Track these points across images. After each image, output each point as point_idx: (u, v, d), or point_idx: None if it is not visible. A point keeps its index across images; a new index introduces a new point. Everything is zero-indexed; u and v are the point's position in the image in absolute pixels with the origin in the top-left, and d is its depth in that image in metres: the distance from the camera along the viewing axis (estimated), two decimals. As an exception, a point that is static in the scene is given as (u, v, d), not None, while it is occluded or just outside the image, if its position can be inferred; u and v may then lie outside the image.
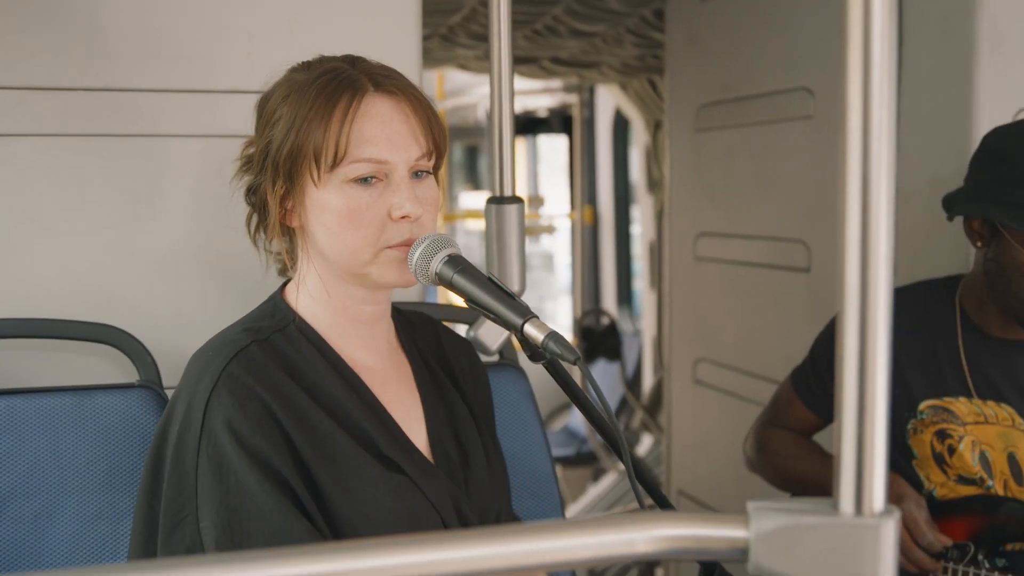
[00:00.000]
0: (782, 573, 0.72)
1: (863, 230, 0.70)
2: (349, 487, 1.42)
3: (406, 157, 1.43)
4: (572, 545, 0.74)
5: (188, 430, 1.40)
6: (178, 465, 1.40)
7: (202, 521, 1.37)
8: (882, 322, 0.71)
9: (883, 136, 0.69)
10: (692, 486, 3.81)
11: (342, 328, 1.51)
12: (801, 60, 3.02)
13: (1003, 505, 2.03)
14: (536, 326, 1.37)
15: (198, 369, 1.44)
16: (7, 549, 1.71)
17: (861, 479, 0.71)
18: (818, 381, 2.26)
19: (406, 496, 1.46)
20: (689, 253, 3.69)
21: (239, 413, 1.38)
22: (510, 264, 1.84)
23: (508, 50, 1.88)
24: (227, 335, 1.48)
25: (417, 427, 1.56)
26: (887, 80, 0.69)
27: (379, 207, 1.42)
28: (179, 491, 1.39)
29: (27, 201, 1.93)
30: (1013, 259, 1.96)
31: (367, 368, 1.52)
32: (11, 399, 1.76)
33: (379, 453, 1.46)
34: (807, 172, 3.00)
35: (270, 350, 1.45)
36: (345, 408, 1.46)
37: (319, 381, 1.46)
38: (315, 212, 1.44)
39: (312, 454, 1.41)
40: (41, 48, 1.92)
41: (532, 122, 7.84)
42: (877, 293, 0.70)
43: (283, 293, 1.55)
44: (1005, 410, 2.07)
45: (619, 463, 4.50)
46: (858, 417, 0.71)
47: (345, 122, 1.40)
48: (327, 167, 1.40)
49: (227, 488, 1.36)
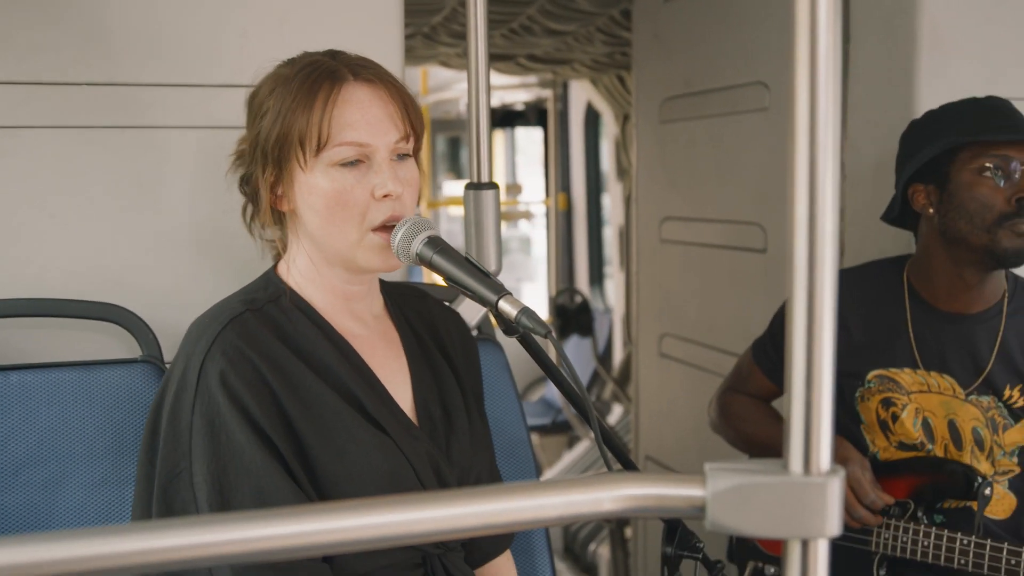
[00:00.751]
0: (736, 528, 0.73)
1: (810, 212, 0.70)
2: (335, 445, 1.42)
3: (386, 140, 1.43)
4: (544, 504, 0.75)
5: (184, 390, 1.40)
6: (174, 423, 1.40)
7: (195, 476, 1.37)
8: (828, 297, 0.71)
9: (828, 126, 0.69)
10: (658, 452, 3.82)
11: (331, 302, 1.52)
12: (757, 56, 3.02)
13: (941, 466, 2.05)
14: (510, 302, 1.38)
15: (196, 334, 1.44)
16: (20, 513, 1.71)
17: (809, 442, 0.72)
18: (776, 352, 2.26)
19: (388, 456, 1.46)
20: (655, 236, 3.70)
21: (232, 375, 1.38)
22: (487, 246, 1.84)
23: (485, 47, 1.88)
24: (224, 304, 1.49)
25: (403, 391, 1.56)
26: (832, 74, 0.69)
27: (363, 188, 1.42)
28: (175, 448, 1.39)
29: (35, 189, 1.93)
30: (970, 192, 1.97)
31: (356, 335, 1.52)
32: (22, 374, 1.75)
33: (366, 414, 1.46)
34: (763, 160, 3.00)
35: (264, 318, 1.45)
36: (334, 371, 1.46)
37: (310, 347, 1.46)
38: (303, 195, 1.44)
39: (301, 415, 1.41)
40: (47, 45, 1.91)
41: (510, 115, 7.82)
42: (823, 270, 0.71)
43: (276, 270, 1.55)
44: (947, 380, 2.08)
45: (592, 431, 4.57)
46: (806, 385, 0.72)
47: (326, 109, 1.40)
48: (312, 152, 1.41)
49: (218, 445, 1.37)
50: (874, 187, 2.43)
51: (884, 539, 2.05)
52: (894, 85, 2.51)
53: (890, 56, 2.53)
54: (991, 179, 1.95)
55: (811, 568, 0.71)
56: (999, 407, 2.06)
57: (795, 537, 0.71)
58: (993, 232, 1.96)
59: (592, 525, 5.09)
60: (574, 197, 6.84)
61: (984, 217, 1.96)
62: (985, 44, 2.50)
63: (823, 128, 0.69)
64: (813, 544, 0.71)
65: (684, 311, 3.53)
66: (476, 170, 1.91)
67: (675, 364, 3.60)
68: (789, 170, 0.70)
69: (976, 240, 1.98)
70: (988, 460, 2.07)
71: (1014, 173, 1.94)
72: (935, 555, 1.99)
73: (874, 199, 2.49)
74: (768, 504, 0.72)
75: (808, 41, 0.69)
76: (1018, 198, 1.93)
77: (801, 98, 0.69)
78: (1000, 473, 2.08)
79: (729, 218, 3.19)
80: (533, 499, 0.75)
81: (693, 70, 3.38)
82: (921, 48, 2.45)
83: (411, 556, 1.51)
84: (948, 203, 2.00)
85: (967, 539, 1.96)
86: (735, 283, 3.18)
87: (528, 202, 8.43)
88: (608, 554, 4.67)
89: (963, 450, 2.07)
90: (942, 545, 1.98)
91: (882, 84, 2.56)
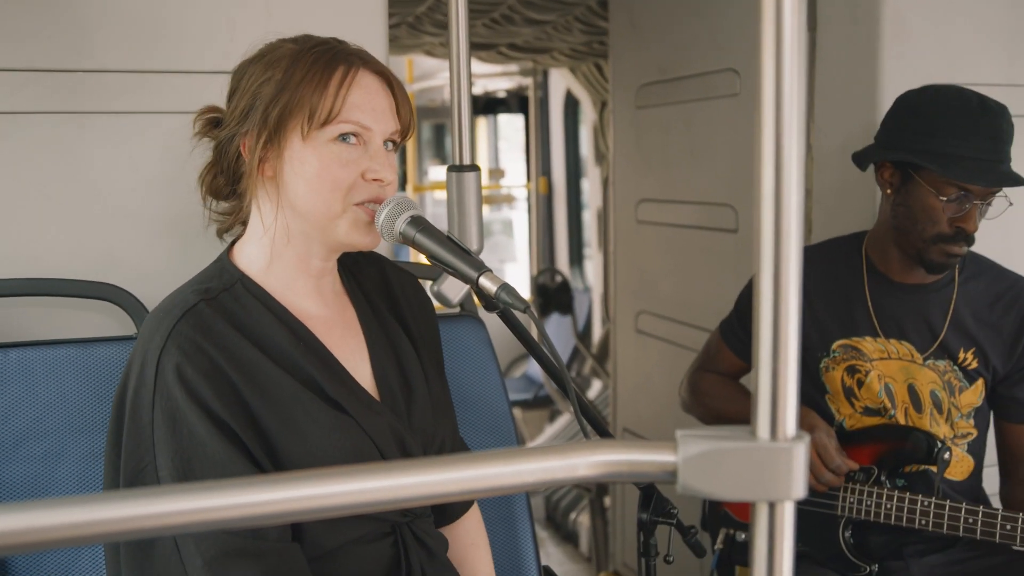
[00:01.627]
0: (706, 492, 0.73)
1: (776, 192, 0.70)
2: (296, 429, 1.39)
3: (383, 128, 1.43)
4: (523, 470, 0.75)
5: (143, 386, 1.36)
6: (135, 419, 1.36)
7: (160, 471, 1.34)
8: (793, 272, 0.71)
9: (793, 110, 0.69)
10: (635, 423, 3.84)
11: (288, 281, 1.47)
12: (728, 44, 3.02)
13: (903, 433, 2.07)
14: (490, 279, 1.37)
15: (150, 330, 1.40)
16: (21, 484, 1.71)
17: (775, 409, 0.72)
18: (743, 330, 2.28)
19: (350, 434, 1.43)
20: (631, 218, 3.70)
21: (188, 368, 1.34)
22: (469, 226, 1.83)
23: (466, 36, 1.87)
24: (177, 296, 1.44)
25: (362, 367, 1.52)
26: (796, 61, 0.69)
27: (355, 167, 1.41)
28: (138, 444, 1.36)
29: (32, 173, 1.91)
30: (921, 202, 1.99)
31: (311, 316, 1.48)
32: (22, 351, 1.74)
33: (324, 395, 1.43)
34: (734, 144, 3.01)
35: (218, 307, 1.41)
36: (291, 356, 1.42)
37: (266, 333, 1.42)
38: (294, 164, 1.41)
39: (259, 402, 1.37)
40: (43, 33, 1.90)
41: (492, 103, 7.80)
42: (789, 247, 0.71)
43: (230, 254, 1.50)
44: (905, 346, 2.10)
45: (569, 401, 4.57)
46: (772, 356, 0.72)
47: (343, 87, 1.40)
48: (318, 124, 1.39)
49: (180, 439, 1.33)
50: (840, 169, 2.44)
51: (849, 503, 2.07)
52: (859, 71, 2.52)
53: (855, 43, 2.53)
54: (946, 203, 1.96)
55: (778, 529, 0.72)
56: (954, 370, 2.09)
57: (762, 500, 0.72)
58: (928, 245, 2.00)
59: (573, 495, 5.11)
60: (554, 181, 6.84)
61: (926, 229, 1.99)
62: (945, 32, 2.51)
63: (788, 112, 0.69)
64: (780, 506, 0.72)
65: (659, 289, 3.54)
66: (459, 153, 1.91)
67: (651, 340, 3.62)
68: (756, 153, 0.70)
69: (913, 242, 2.03)
70: (947, 423, 2.09)
71: (965, 204, 1.96)
72: (897, 517, 2.01)
73: (840, 180, 2.50)
74: (737, 468, 0.72)
75: (774, 29, 0.69)
76: (958, 226, 1.97)
77: (767, 84, 0.69)
78: (959, 436, 2.11)
79: (702, 200, 3.20)
80: (514, 465, 0.75)
81: (667, 58, 3.38)
82: (884, 36, 2.45)
83: (379, 527, 1.48)
84: (903, 197, 2.02)
85: (928, 501, 1.98)
86: (708, 262, 3.19)
87: (510, 186, 8.42)
88: (588, 522, 4.69)
89: (923, 412, 2.09)
90: (904, 507, 2.00)
91: (847, 70, 2.56)
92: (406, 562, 1.50)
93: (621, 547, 4.05)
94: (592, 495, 4.50)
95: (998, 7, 2.55)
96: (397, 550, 1.50)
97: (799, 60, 0.69)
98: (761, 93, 0.69)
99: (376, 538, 1.48)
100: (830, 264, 2.18)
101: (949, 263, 2.02)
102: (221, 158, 1.48)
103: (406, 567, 1.50)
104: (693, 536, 1.77)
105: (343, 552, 1.45)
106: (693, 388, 2.38)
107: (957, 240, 1.98)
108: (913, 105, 2.06)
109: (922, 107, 2.03)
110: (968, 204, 1.96)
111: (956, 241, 1.98)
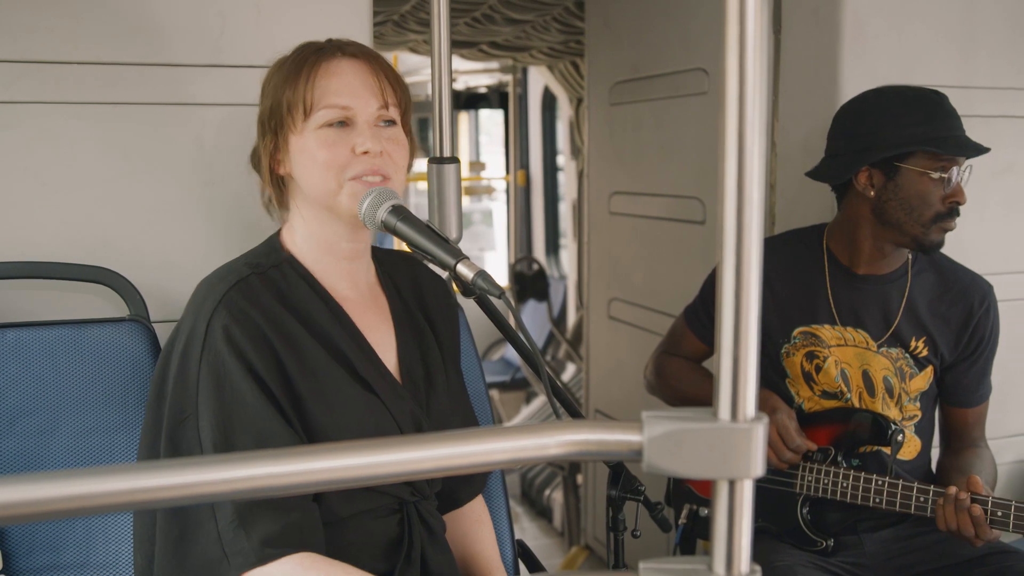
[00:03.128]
0: (670, 470, 0.73)
1: (739, 185, 0.70)
2: (327, 400, 1.44)
3: (366, 106, 1.46)
4: (496, 448, 0.75)
5: (192, 344, 1.41)
6: (183, 373, 1.41)
7: (201, 420, 1.38)
8: (754, 261, 0.71)
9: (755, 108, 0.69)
10: (607, 406, 3.85)
11: (327, 264, 1.52)
12: (698, 44, 3.02)
13: (859, 416, 2.08)
14: (467, 266, 1.38)
15: (204, 293, 1.45)
16: (17, 458, 1.71)
17: (736, 391, 0.72)
18: (707, 315, 2.28)
19: (374, 412, 1.48)
20: (604, 209, 3.70)
21: (236, 331, 1.39)
22: (448, 215, 1.83)
23: (447, 34, 1.86)
24: (231, 266, 1.50)
25: (389, 352, 1.57)
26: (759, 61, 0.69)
27: (345, 144, 1.44)
28: (183, 395, 1.40)
29: (29, 160, 1.90)
30: (914, 188, 1.99)
31: (348, 299, 1.53)
32: (19, 331, 1.73)
33: (355, 373, 1.48)
34: (702, 140, 3.01)
35: (266, 281, 1.46)
36: (328, 333, 1.47)
37: (307, 309, 1.47)
38: (297, 157, 1.47)
39: (297, 370, 1.42)
40: (41, 26, 1.88)
41: (474, 98, 7.76)
42: (750, 237, 0.71)
43: (279, 236, 1.56)
44: (861, 334, 2.11)
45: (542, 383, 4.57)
46: (734, 341, 0.72)
47: (310, 79, 1.44)
48: (302, 117, 1.44)
49: (223, 393, 1.38)
50: (802, 164, 2.44)
51: (807, 481, 2.08)
52: (820, 71, 2.52)
53: (817, 45, 2.54)
54: (936, 182, 1.97)
55: (738, 505, 0.72)
56: (906, 358, 2.11)
57: (723, 478, 0.72)
58: (927, 227, 2.01)
59: (547, 472, 5.12)
60: (532, 174, 6.83)
61: (923, 213, 2.00)
62: (903, 35, 2.51)
63: (751, 110, 0.69)
64: (740, 484, 0.72)
65: (631, 277, 3.54)
66: (439, 146, 1.90)
67: (622, 326, 3.62)
68: (720, 148, 0.70)
69: (910, 230, 2.02)
70: (897, 406, 2.11)
71: (953, 178, 1.98)
72: (853, 495, 2.03)
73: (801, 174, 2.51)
74: (699, 448, 0.72)
75: (738, 30, 0.69)
76: (952, 202, 1.99)
77: (731, 83, 0.69)
78: (907, 419, 2.12)
79: (671, 192, 3.20)
80: (489, 443, 0.75)
81: (640, 57, 3.37)
82: (845, 38, 2.46)
83: (389, 502, 1.53)
84: (892, 192, 2.01)
85: (882, 480, 2.00)
86: (677, 252, 3.19)
87: (490, 178, 8.39)
88: (561, 498, 4.71)
89: (875, 396, 2.11)
90: (859, 486, 2.02)
91: (809, 71, 2.57)
92: (408, 537, 1.54)
93: (592, 523, 4.07)
94: (565, 473, 4.52)
95: (953, 11, 2.56)
96: (402, 527, 1.55)
97: (762, 60, 0.69)
98: (725, 92, 0.69)
99: (385, 513, 1.53)
100: (792, 254, 2.19)
101: (943, 241, 2.04)
102: (255, 166, 1.56)
103: (408, 542, 1.54)
104: (659, 512, 1.78)
105: (354, 521, 1.50)
106: (658, 371, 2.38)
107: (952, 216, 2.01)
108: (863, 110, 2.06)
109: (876, 108, 2.03)
110: (955, 178, 1.99)
111: (951, 216, 2.01)
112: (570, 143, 5.82)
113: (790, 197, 2.63)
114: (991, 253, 2.60)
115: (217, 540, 1.36)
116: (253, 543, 1.35)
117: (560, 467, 4.64)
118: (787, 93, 2.63)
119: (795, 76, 2.60)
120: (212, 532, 1.36)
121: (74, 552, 1.72)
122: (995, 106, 2.60)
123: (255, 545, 1.35)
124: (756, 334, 0.72)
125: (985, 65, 2.59)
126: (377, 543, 1.52)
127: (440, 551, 1.61)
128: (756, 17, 0.68)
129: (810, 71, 2.56)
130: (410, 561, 1.53)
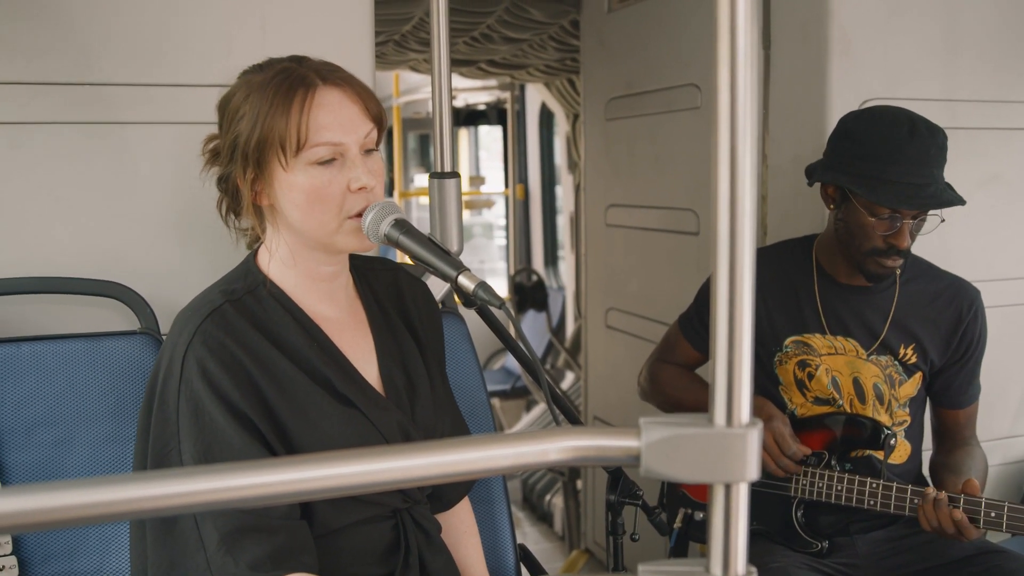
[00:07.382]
0: (667, 474, 0.73)
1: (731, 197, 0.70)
2: (308, 420, 1.41)
3: (356, 137, 1.40)
4: (498, 455, 0.75)
5: (170, 378, 1.38)
6: (163, 408, 1.38)
7: (183, 455, 1.36)
8: (747, 271, 0.71)
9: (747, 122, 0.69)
10: (604, 412, 3.84)
11: (306, 286, 1.48)
12: (690, 61, 3.03)
13: (852, 420, 2.08)
14: (468, 277, 1.37)
15: (179, 327, 1.42)
16: (34, 469, 1.71)
17: (731, 397, 0.72)
18: (701, 324, 2.28)
19: (357, 426, 1.45)
20: (601, 221, 3.71)
21: (211, 363, 1.36)
22: (449, 228, 1.83)
23: (447, 53, 1.87)
24: (205, 296, 1.45)
25: (370, 366, 1.53)
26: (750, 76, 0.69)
27: (339, 182, 1.39)
28: (164, 429, 1.38)
29: (43, 179, 1.90)
30: (856, 219, 2.00)
31: (326, 318, 1.50)
32: (34, 344, 1.74)
33: (335, 391, 1.45)
34: (696, 153, 3.01)
35: (241, 309, 1.42)
36: (306, 355, 1.44)
37: (284, 334, 1.43)
38: (284, 192, 1.40)
39: (276, 396, 1.39)
40: (53, 49, 1.88)
41: (473, 115, 7.78)
42: (743, 248, 0.71)
43: (255, 258, 1.51)
44: (851, 343, 2.11)
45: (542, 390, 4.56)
46: (728, 349, 0.72)
47: (303, 113, 1.36)
48: (292, 152, 1.37)
49: (202, 427, 1.35)
50: (792, 176, 2.45)
51: (802, 485, 2.08)
52: (809, 86, 2.53)
53: (805, 61, 2.54)
54: (876, 222, 1.97)
55: (733, 509, 0.72)
56: (895, 365, 2.10)
57: (719, 482, 0.72)
58: (864, 258, 2.02)
59: (548, 478, 5.11)
60: (530, 187, 6.83)
61: (862, 244, 2.00)
62: (888, 50, 2.52)
63: (742, 125, 0.69)
64: (735, 488, 0.72)
65: (627, 288, 3.54)
66: (440, 161, 1.90)
67: (619, 335, 3.62)
68: (713, 161, 0.70)
69: (852, 255, 2.04)
70: (887, 413, 2.11)
71: (896, 223, 1.96)
72: (847, 498, 2.02)
73: (792, 186, 2.52)
74: (695, 453, 0.72)
75: (729, 47, 0.69)
76: (890, 242, 1.97)
77: (723, 98, 0.69)
78: (897, 424, 2.12)
79: (666, 205, 3.21)
80: (491, 450, 0.75)
81: (634, 74, 3.38)
82: (832, 54, 2.47)
83: (381, 511, 1.51)
84: (843, 213, 2.03)
85: (875, 483, 1.99)
86: (672, 262, 3.19)
87: (490, 192, 8.40)
88: (561, 503, 4.70)
89: (866, 403, 2.10)
90: (853, 489, 2.01)
91: (798, 85, 2.57)
92: (405, 542, 1.52)
93: (592, 527, 4.06)
94: (565, 478, 4.51)
95: (937, 27, 2.57)
96: (397, 532, 1.53)
97: (753, 76, 0.69)
98: (717, 106, 0.69)
99: (379, 521, 1.51)
100: (783, 265, 2.19)
101: (885, 274, 2.04)
102: (225, 192, 1.48)
103: (405, 547, 1.52)
104: (657, 516, 1.78)
105: (348, 531, 1.47)
106: (652, 378, 2.38)
107: (890, 255, 1.99)
108: (849, 129, 2.04)
109: (856, 132, 2.02)
110: (898, 223, 1.96)
111: (889, 255, 1.99)
112: (567, 157, 5.82)
113: (782, 208, 2.63)
114: (977, 261, 2.61)
115: (207, 569, 1.34)
116: (241, 568, 1.32)
117: (560, 473, 4.63)
118: (777, 107, 2.64)
119: (785, 90, 2.61)
120: (201, 562, 1.34)
121: (89, 560, 1.72)
122: (979, 118, 2.61)
123: (243, 570, 1.32)
124: (750, 342, 0.72)
125: (968, 78, 2.60)
126: (373, 549, 1.50)
127: (438, 553, 1.59)
128: (746, 34, 0.68)
129: (799, 85, 2.57)
130: (408, 566, 1.52)
